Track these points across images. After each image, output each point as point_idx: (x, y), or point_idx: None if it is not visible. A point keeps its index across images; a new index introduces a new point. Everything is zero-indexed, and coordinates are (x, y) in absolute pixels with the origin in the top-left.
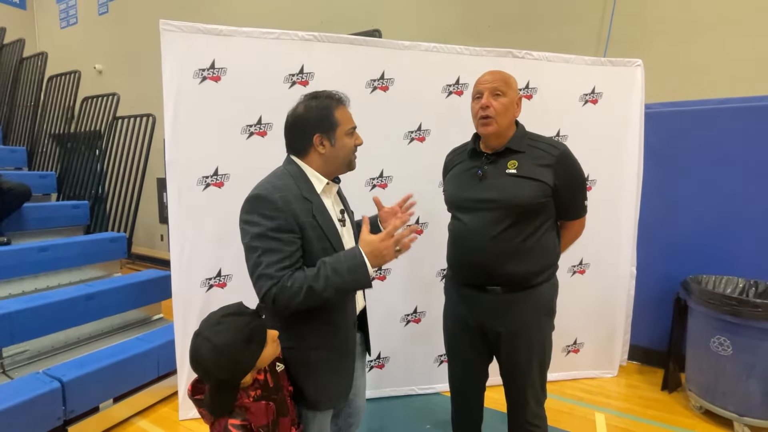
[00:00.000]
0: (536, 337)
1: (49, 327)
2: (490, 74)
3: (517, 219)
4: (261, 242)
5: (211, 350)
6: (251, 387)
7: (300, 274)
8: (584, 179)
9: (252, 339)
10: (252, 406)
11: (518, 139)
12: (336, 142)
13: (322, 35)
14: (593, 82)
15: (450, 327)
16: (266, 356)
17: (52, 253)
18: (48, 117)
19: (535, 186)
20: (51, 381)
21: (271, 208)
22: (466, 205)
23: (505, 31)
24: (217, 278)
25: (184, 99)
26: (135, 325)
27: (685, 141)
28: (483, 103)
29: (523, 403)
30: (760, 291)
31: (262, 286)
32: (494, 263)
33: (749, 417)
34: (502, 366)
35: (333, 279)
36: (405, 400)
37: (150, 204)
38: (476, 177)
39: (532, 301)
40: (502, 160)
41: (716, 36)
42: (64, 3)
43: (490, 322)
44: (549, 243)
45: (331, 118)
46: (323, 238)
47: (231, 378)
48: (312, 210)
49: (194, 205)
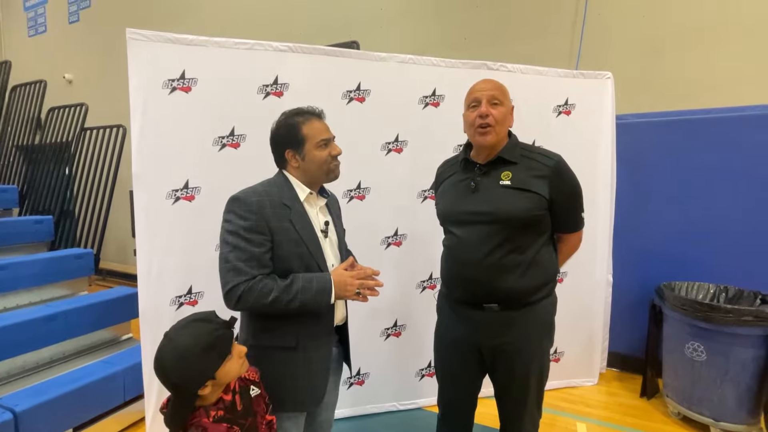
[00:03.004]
0: (536, 356)
1: (5, 352)
2: (485, 82)
3: (513, 233)
4: (233, 239)
5: (171, 352)
6: (213, 406)
7: (271, 282)
8: (580, 190)
9: (213, 347)
10: (210, 427)
11: (511, 149)
12: (306, 156)
13: (296, 46)
14: (566, 94)
15: (444, 346)
16: (230, 370)
17: (11, 272)
18: (11, 128)
19: (530, 198)
20: (3, 412)
21: (245, 210)
22: (460, 219)
23: (480, 44)
24: (188, 296)
25: (152, 110)
26: (102, 347)
27: (656, 151)
28: (483, 111)
29: (517, 425)
30: (730, 296)
31: (229, 280)
32: (490, 279)
33: (724, 422)
34: (498, 386)
35: (301, 295)
36: (387, 417)
37: (121, 218)
38: (469, 189)
39: (531, 319)
40: (495, 171)
41: (682, 50)
42: (32, 11)
43: (488, 342)
44: (546, 257)
45: (298, 134)
46: (300, 243)
47: (187, 385)
48: (290, 216)
49: (163, 219)
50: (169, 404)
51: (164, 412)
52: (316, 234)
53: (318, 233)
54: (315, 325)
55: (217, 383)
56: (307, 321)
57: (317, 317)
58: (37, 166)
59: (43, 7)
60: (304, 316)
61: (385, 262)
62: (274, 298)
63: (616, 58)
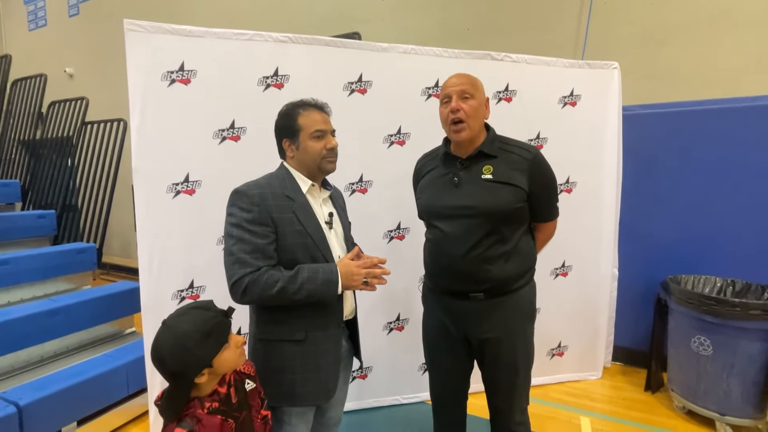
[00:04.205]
0: (520, 341)
1: (8, 346)
2: (456, 77)
3: (497, 225)
4: (237, 231)
5: (169, 338)
6: (208, 398)
7: (277, 273)
8: (556, 182)
9: (211, 334)
10: (204, 419)
11: (490, 143)
12: (300, 146)
13: (297, 36)
14: (572, 85)
15: (431, 338)
16: (227, 359)
17: (14, 266)
18: (12, 123)
19: (511, 191)
20: (6, 405)
21: (247, 202)
22: (444, 213)
23: (484, 34)
24: (189, 290)
25: (152, 102)
26: (105, 341)
27: (663, 142)
28: (452, 107)
29: (507, 410)
30: (738, 290)
31: (234, 272)
32: (476, 270)
33: (730, 416)
34: (486, 373)
35: (307, 285)
36: (389, 411)
37: (124, 212)
38: (452, 183)
39: (514, 305)
40: (477, 165)
41: (688, 41)
42: (32, 4)
43: (474, 330)
44: (526, 246)
45: (294, 124)
46: (304, 234)
47: (184, 370)
48: (293, 207)
49: (164, 213)
50: (165, 393)
51: (158, 405)
52: (321, 225)
53: (322, 224)
54: (324, 317)
55: (213, 372)
56: (317, 314)
57: (326, 309)
58: (39, 160)
59: (43, 1)
60: (313, 309)
61: (388, 255)
62: (279, 289)
63: (623, 48)
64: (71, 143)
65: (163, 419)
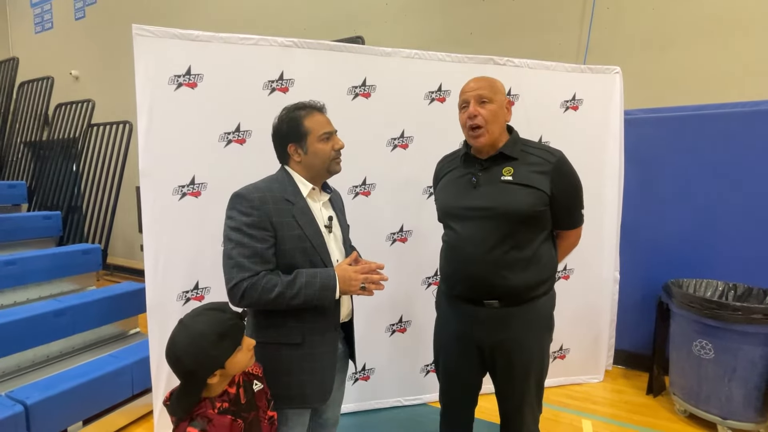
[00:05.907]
0: (535, 353)
1: (15, 346)
2: (474, 81)
3: (514, 228)
4: (236, 235)
5: (185, 337)
6: (218, 398)
7: (275, 277)
8: (581, 187)
9: (226, 335)
10: (215, 418)
11: (512, 145)
12: (309, 149)
13: (302, 41)
14: (574, 89)
15: (443, 343)
16: (239, 361)
17: (20, 267)
18: (19, 125)
19: (531, 194)
20: (13, 404)
21: (247, 206)
22: (460, 214)
23: (486, 38)
24: (194, 291)
25: (159, 106)
26: (110, 341)
27: (665, 147)
28: (470, 112)
29: (518, 421)
30: (739, 294)
31: (233, 276)
32: (491, 275)
33: (732, 420)
34: (498, 382)
35: (305, 290)
36: (391, 413)
37: (129, 213)
38: (470, 184)
39: (531, 316)
40: (497, 167)
41: (690, 46)
42: (39, 7)
43: (488, 338)
44: (547, 254)
45: (301, 128)
46: (303, 238)
47: (198, 370)
48: (292, 211)
49: (170, 215)
50: (175, 393)
51: (167, 404)
52: (320, 229)
53: (322, 228)
54: (321, 320)
55: (225, 373)
56: (313, 317)
57: (323, 313)
58: (45, 162)
59: (50, 4)
60: (311, 313)
61: (391, 258)
62: (277, 294)
63: (625, 52)
64: (77, 145)
65: (172, 418)
